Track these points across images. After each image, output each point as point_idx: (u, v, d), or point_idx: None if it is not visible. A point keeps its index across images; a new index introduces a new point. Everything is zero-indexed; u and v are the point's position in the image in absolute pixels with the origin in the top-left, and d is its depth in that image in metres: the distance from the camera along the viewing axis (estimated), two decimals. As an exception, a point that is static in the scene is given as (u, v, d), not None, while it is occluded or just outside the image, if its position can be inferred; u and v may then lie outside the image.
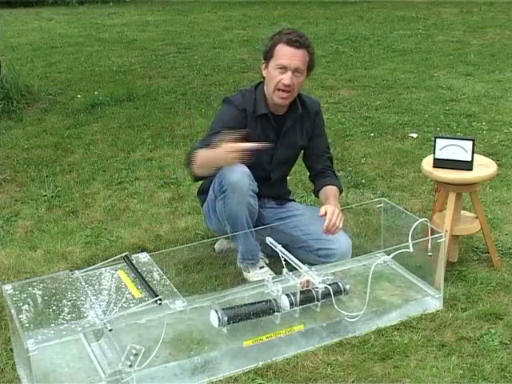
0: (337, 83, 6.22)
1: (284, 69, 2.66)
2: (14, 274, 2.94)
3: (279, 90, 2.68)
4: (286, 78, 2.65)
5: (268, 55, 2.71)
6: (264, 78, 2.77)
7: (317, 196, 2.98)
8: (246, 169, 2.65)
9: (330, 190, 2.84)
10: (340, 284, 2.53)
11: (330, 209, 2.68)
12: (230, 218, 2.69)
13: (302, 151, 2.97)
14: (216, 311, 2.33)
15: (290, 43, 2.65)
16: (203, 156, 2.61)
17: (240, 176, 2.62)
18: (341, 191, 2.92)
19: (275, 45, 2.68)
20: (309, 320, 2.46)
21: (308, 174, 3.03)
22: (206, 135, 2.76)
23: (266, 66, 2.74)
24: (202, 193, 2.99)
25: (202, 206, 3.05)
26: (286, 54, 2.65)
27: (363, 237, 3.17)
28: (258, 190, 2.73)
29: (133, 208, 3.64)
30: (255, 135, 2.76)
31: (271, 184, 2.88)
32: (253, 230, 2.75)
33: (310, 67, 2.74)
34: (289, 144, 2.86)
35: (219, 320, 2.31)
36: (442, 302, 2.60)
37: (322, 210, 2.68)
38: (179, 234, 3.29)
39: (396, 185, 3.84)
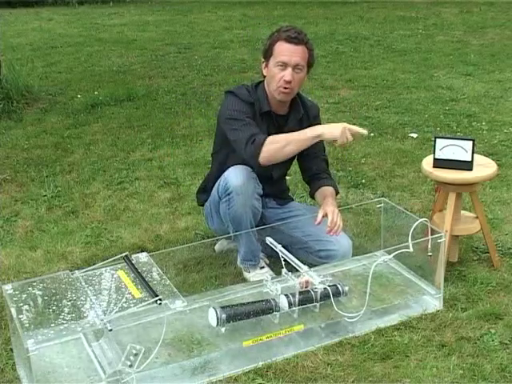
0: (337, 83, 6.22)
1: (284, 65, 2.66)
2: (14, 274, 2.94)
3: (280, 86, 2.68)
4: (287, 74, 2.65)
5: (268, 53, 2.72)
6: (265, 76, 2.77)
7: (312, 197, 2.98)
8: (251, 171, 2.66)
9: (326, 191, 2.85)
10: (339, 286, 2.53)
11: (330, 209, 2.69)
12: (234, 220, 2.69)
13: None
14: (215, 309, 2.33)
15: (288, 40, 2.65)
16: (290, 139, 2.60)
17: (245, 179, 2.62)
18: (337, 193, 2.92)
19: (274, 43, 2.69)
20: (308, 320, 2.46)
21: (302, 176, 3.02)
22: (236, 125, 2.68)
23: (266, 65, 2.74)
24: (203, 192, 2.99)
25: (198, 204, 3.07)
26: (286, 51, 2.65)
27: (363, 237, 3.17)
28: (262, 192, 2.73)
29: (133, 208, 3.64)
30: (262, 131, 2.76)
31: (273, 182, 2.88)
32: (254, 229, 2.74)
33: (310, 63, 2.74)
34: None
35: (218, 319, 2.31)
36: (441, 301, 2.60)
37: (322, 213, 2.69)
38: (179, 234, 3.29)
39: (396, 185, 3.84)
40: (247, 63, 7.09)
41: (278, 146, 2.60)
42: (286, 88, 2.68)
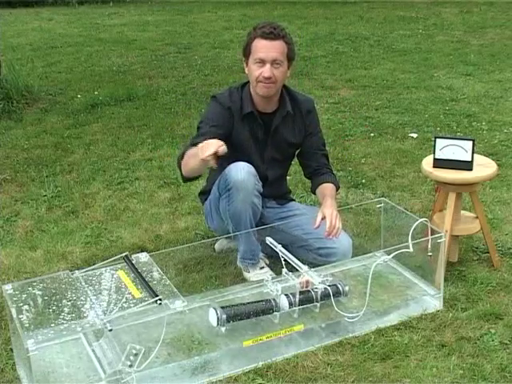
0: (337, 83, 6.21)
1: (262, 62, 2.67)
2: (14, 274, 2.94)
3: (261, 82, 2.69)
4: (266, 70, 2.66)
5: (246, 52, 2.74)
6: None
7: (314, 193, 2.97)
8: (252, 168, 2.66)
9: (326, 189, 2.84)
10: (339, 286, 2.53)
11: (328, 212, 2.67)
12: (234, 216, 2.68)
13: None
14: (215, 309, 2.33)
15: (264, 36, 2.66)
16: (188, 155, 2.60)
17: (246, 175, 2.62)
18: (337, 188, 2.92)
19: (251, 41, 2.71)
20: (309, 320, 2.46)
21: (303, 172, 3.02)
22: (195, 135, 2.76)
23: (247, 64, 2.76)
24: (204, 193, 2.99)
25: (203, 205, 3.06)
26: (263, 48, 2.66)
27: (363, 237, 3.17)
28: (262, 189, 2.73)
29: (133, 208, 3.64)
30: (244, 134, 2.77)
31: (270, 183, 2.87)
32: (254, 229, 2.74)
33: (290, 57, 2.74)
34: (279, 142, 2.85)
35: (218, 319, 2.31)
36: (441, 301, 2.60)
37: (320, 215, 2.68)
38: (179, 234, 3.29)
39: (396, 185, 3.84)
40: (247, 63, 7.09)
41: (185, 160, 2.60)
42: (266, 83, 2.68)
